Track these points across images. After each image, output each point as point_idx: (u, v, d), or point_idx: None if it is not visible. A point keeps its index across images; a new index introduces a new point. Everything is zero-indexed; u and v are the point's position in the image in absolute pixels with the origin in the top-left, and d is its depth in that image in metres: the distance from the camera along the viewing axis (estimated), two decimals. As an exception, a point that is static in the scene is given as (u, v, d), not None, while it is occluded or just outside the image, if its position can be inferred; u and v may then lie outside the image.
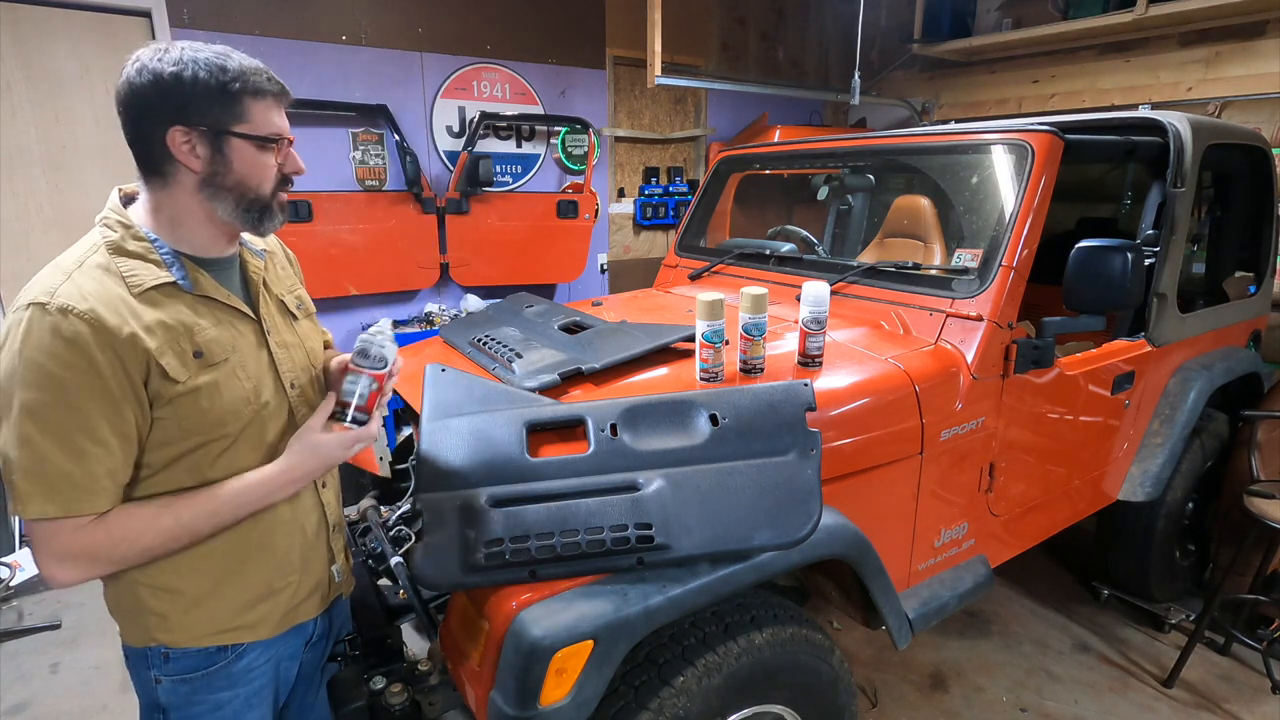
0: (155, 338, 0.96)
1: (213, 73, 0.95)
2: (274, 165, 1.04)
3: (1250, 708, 2.30)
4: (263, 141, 1.01)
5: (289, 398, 1.14)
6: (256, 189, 1.03)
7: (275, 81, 1.02)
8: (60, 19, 3.07)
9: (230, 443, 1.04)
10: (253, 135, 1.00)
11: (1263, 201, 2.70)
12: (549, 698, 1.14)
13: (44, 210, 3.16)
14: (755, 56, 5.41)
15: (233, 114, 0.98)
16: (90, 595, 2.89)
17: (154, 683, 1.11)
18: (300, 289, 1.29)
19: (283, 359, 1.14)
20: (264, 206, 1.05)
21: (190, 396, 0.99)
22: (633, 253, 5.19)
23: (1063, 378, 2.00)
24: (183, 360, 0.98)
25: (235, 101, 0.97)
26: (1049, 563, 3.10)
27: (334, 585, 1.27)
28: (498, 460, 1.30)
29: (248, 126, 0.99)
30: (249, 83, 0.98)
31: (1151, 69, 4.07)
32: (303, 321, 1.24)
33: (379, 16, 3.75)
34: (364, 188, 3.86)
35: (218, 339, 1.03)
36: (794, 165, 3.20)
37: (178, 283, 1.01)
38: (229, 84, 0.96)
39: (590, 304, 2.39)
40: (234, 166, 1.00)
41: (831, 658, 1.54)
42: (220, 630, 1.11)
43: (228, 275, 1.11)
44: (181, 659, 1.10)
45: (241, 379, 1.05)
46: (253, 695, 1.17)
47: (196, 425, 1.00)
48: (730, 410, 1.37)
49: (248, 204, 1.03)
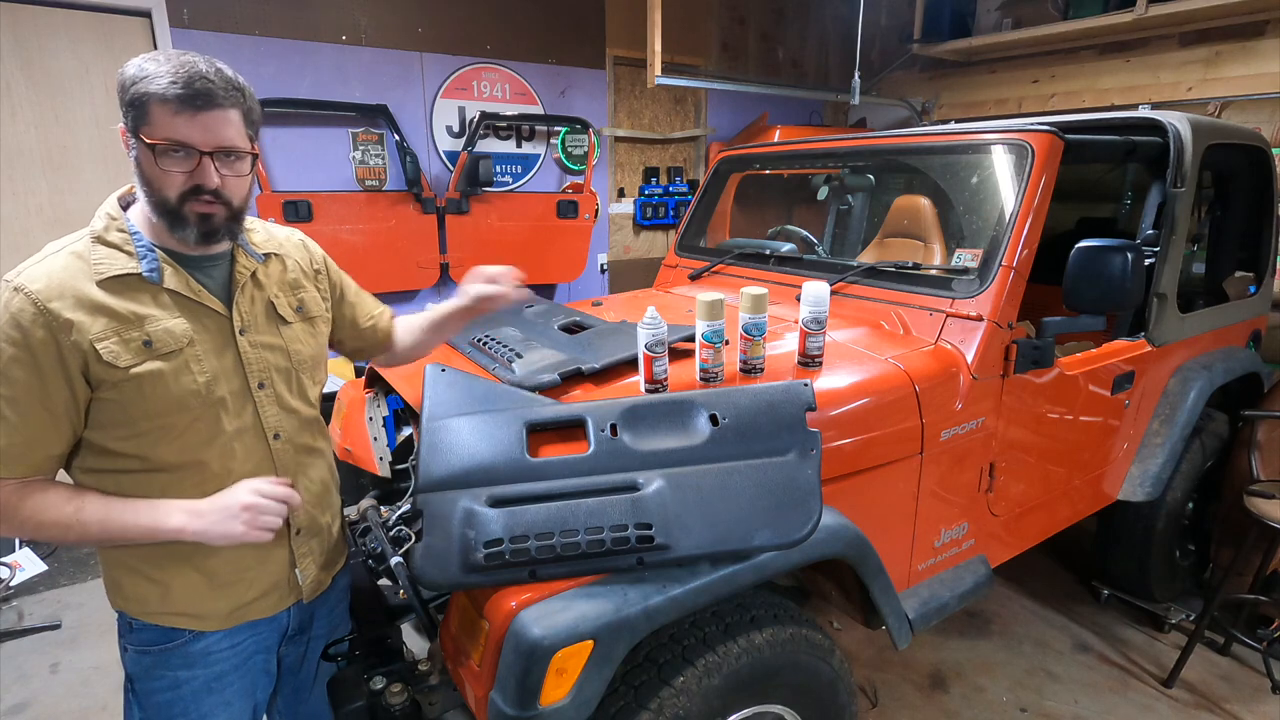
0: (100, 324, 1.01)
1: (131, 76, 0.99)
2: (175, 173, 1.01)
3: (1250, 708, 2.30)
4: (154, 149, 0.99)
5: (254, 397, 1.15)
6: (160, 193, 1.02)
7: (195, 89, 0.98)
8: (60, 19, 3.07)
9: (179, 432, 1.07)
10: (146, 141, 1.00)
11: (1263, 201, 2.70)
12: (549, 698, 1.14)
13: (44, 210, 3.16)
14: (755, 56, 5.41)
15: (138, 118, 0.99)
16: (90, 595, 2.89)
17: (124, 650, 1.19)
18: (307, 292, 1.28)
19: (252, 358, 1.15)
20: (171, 213, 1.03)
21: (133, 383, 1.03)
22: (633, 253, 5.19)
23: (1063, 378, 2.00)
24: (126, 347, 1.02)
25: (137, 105, 0.99)
26: (1049, 563, 3.10)
27: (295, 588, 1.27)
28: (498, 460, 1.30)
29: (146, 131, 0.99)
30: (152, 89, 0.97)
31: (1151, 69, 4.07)
32: (294, 325, 1.23)
33: (379, 16, 3.75)
34: (364, 188, 3.86)
35: (171, 330, 1.06)
36: (794, 165, 3.20)
37: (144, 274, 1.04)
38: (135, 86, 0.98)
39: (590, 304, 2.39)
40: (142, 168, 1.03)
41: (831, 658, 1.53)
42: (165, 611, 1.14)
43: (209, 272, 1.13)
44: (143, 631, 1.16)
45: (195, 372, 1.08)
46: (213, 680, 1.19)
47: (140, 412, 1.04)
48: (730, 410, 1.37)
49: (157, 208, 1.04)
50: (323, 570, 1.32)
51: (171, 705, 1.19)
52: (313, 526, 1.28)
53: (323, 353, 1.32)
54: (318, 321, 1.30)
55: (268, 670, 1.29)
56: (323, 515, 1.31)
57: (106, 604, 1.17)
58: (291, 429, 1.21)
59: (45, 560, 3.12)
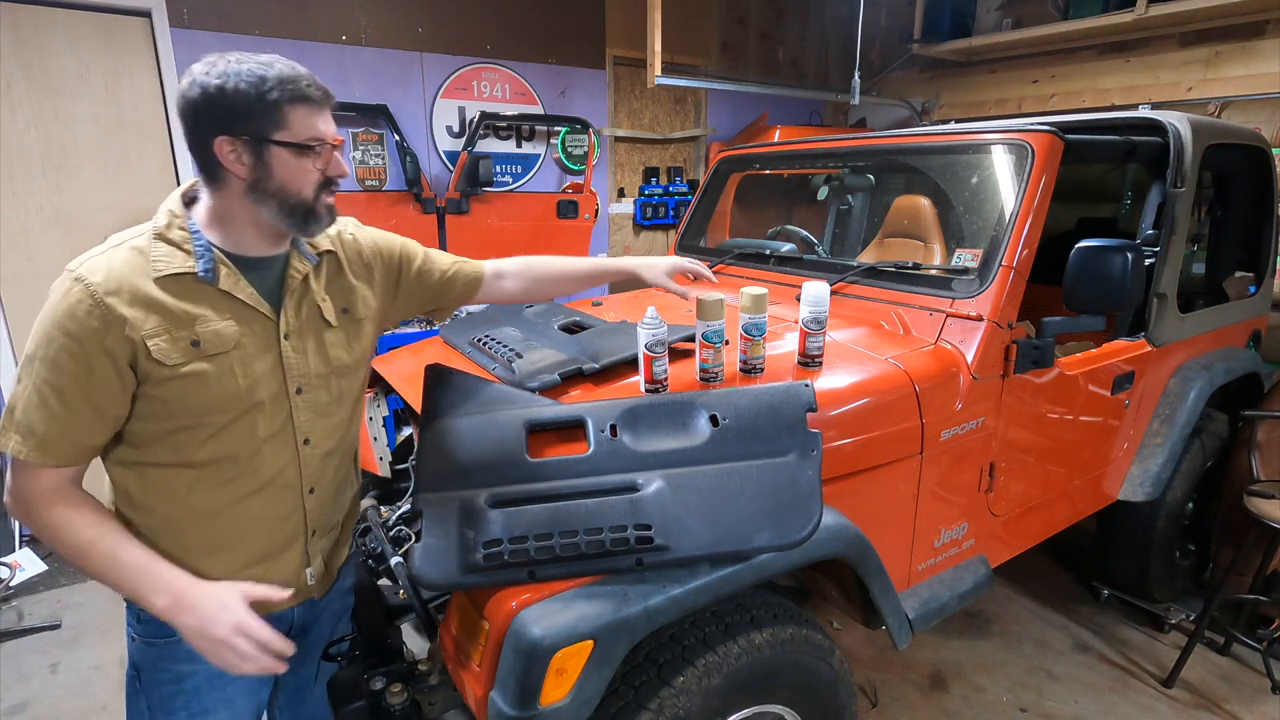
0: (152, 321, 1.01)
1: (252, 83, 0.99)
2: (315, 170, 1.06)
3: (1250, 708, 2.30)
4: (301, 148, 1.04)
5: (291, 401, 1.15)
6: (298, 194, 1.06)
7: (317, 87, 1.05)
8: (60, 19, 3.07)
9: (215, 431, 1.08)
10: (291, 142, 1.02)
11: (1263, 201, 2.70)
12: (549, 698, 1.14)
13: (44, 210, 3.15)
14: (755, 56, 5.41)
15: (271, 122, 1.01)
16: (90, 595, 2.89)
17: (131, 639, 1.20)
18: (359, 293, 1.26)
19: (294, 363, 1.15)
20: (307, 210, 1.08)
21: (178, 382, 1.03)
22: (633, 253, 5.19)
23: (1063, 378, 2.00)
24: (175, 346, 1.03)
25: (273, 110, 1.01)
26: (1049, 563, 3.10)
27: (304, 588, 1.27)
28: (498, 460, 1.30)
29: (287, 134, 1.02)
30: (286, 91, 1.01)
31: (1151, 69, 4.07)
32: (337, 329, 1.22)
33: (379, 16, 3.75)
34: (364, 188, 3.86)
35: (220, 333, 1.06)
36: (794, 165, 3.20)
37: (199, 274, 1.05)
38: (267, 93, 1.00)
39: (590, 304, 2.39)
40: (275, 173, 1.03)
41: (831, 658, 1.53)
42: None
43: (262, 275, 1.13)
44: (150, 622, 1.16)
45: (237, 375, 1.08)
46: (215, 676, 1.19)
47: (181, 409, 1.05)
48: (731, 411, 1.36)
49: (290, 208, 1.06)
50: (328, 564, 1.33)
51: (174, 698, 1.20)
52: (325, 525, 1.29)
53: (365, 356, 1.30)
54: (365, 324, 1.28)
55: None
56: (338, 513, 1.32)
57: (106, 604, 1.17)
58: (322, 434, 1.21)
59: (45, 560, 3.12)
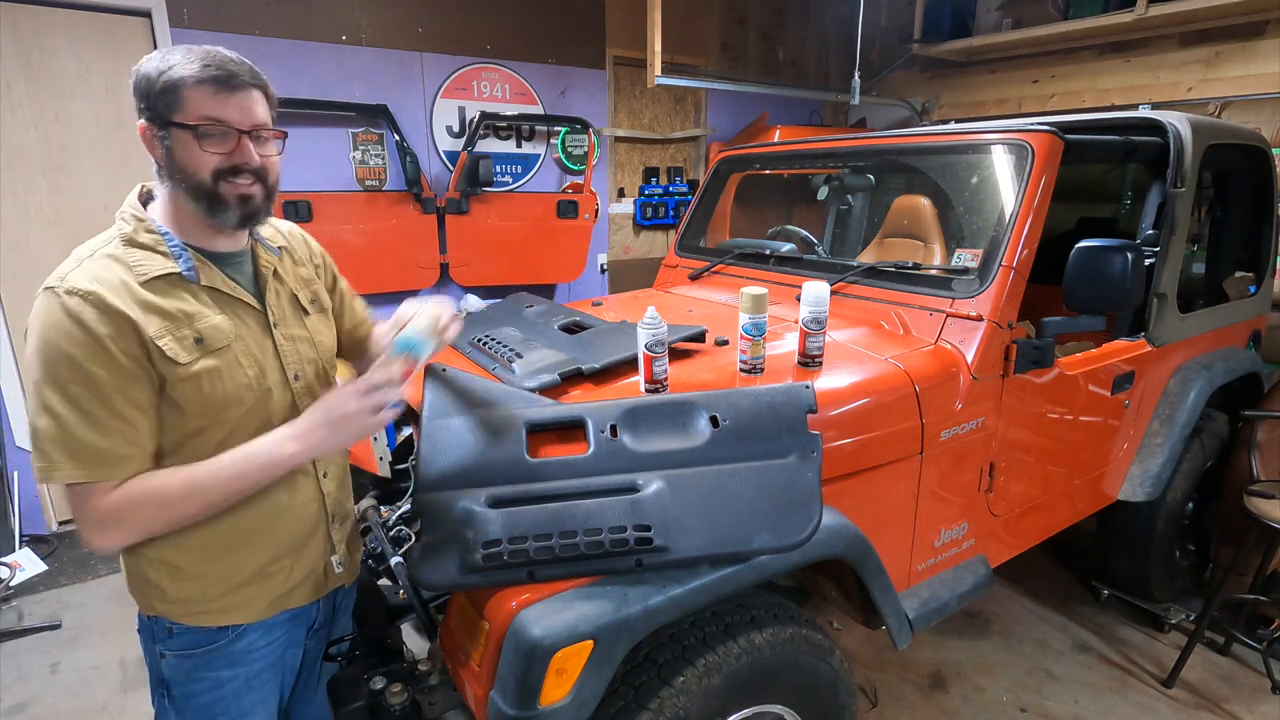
0: (155, 323, 1.00)
1: (160, 67, 1.00)
2: (211, 153, 1.02)
3: (1250, 708, 2.30)
4: (193, 129, 1.01)
5: (293, 389, 1.17)
6: (194, 176, 1.03)
7: (228, 71, 1.01)
8: (60, 19, 3.07)
9: (230, 429, 1.08)
10: (183, 124, 1.00)
11: (1263, 201, 2.70)
12: (549, 698, 1.14)
13: (44, 210, 3.15)
14: (755, 56, 5.41)
15: (168, 103, 1.00)
16: (90, 595, 2.89)
17: (159, 657, 1.17)
18: (317, 284, 1.30)
19: (288, 350, 1.17)
20: (209, 194, 1.04)
21: (194, 381, 1.03)
22: (633, 253, 5.19)
23: (1063, 378, 2.00)
24: (182, 345, 1.02)
25: (169, 92, 1.00)
26: (1049, 563, 3.10)
27: (332, 576, 1.28)
28: (498, 460, 1.30)
29: (181, 115, 1.00)
30: (184, 73, 0.99)
31: (1151, 69, 4.07)
32: (314, 317, 1.25)
33: (379, 16, 3.75)
34: (364, 188, 3.86)
35: (219, 326, 1.07)
36: (794, 165, 3.20)
37: (183, 273, 1.05)
38: (165, 73, 0.99)
39: (590, 304, 2.39)
40: (176, 155, 1.02)
41: (831, 658, 1.53)
42: (209, 608, 1.14)
43: (238, 268, 1.14)
44: (184, 635, 1.15)
45: (245, 365, 1.09)
46: (253, 677, 1.20)
47: (201, 409, 1.05)
48: (731, 412, 1.36)
49: (194, 193, 1.04)
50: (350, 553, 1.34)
51: (214, 706, 1.18)
52: (341, 511, 1.30)
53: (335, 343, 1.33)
54: (329, 313, 1.32)
55: (294, 666, 1.30)
56: (347, 500, 1.34)
57: (106, 604, 1.17)
58: None
59: (45, 560, 3.12)
